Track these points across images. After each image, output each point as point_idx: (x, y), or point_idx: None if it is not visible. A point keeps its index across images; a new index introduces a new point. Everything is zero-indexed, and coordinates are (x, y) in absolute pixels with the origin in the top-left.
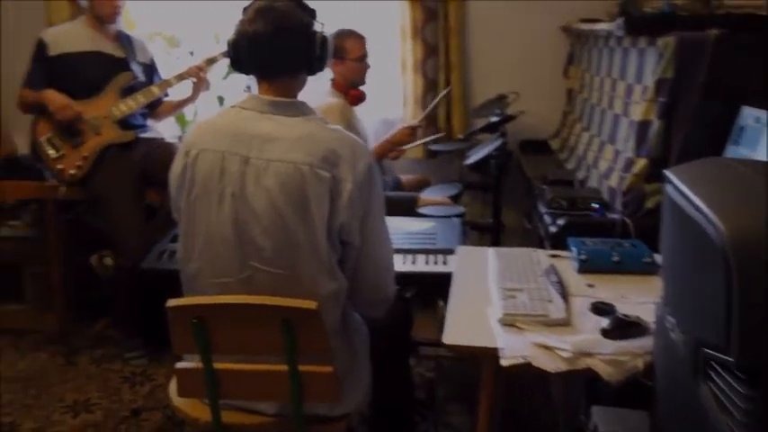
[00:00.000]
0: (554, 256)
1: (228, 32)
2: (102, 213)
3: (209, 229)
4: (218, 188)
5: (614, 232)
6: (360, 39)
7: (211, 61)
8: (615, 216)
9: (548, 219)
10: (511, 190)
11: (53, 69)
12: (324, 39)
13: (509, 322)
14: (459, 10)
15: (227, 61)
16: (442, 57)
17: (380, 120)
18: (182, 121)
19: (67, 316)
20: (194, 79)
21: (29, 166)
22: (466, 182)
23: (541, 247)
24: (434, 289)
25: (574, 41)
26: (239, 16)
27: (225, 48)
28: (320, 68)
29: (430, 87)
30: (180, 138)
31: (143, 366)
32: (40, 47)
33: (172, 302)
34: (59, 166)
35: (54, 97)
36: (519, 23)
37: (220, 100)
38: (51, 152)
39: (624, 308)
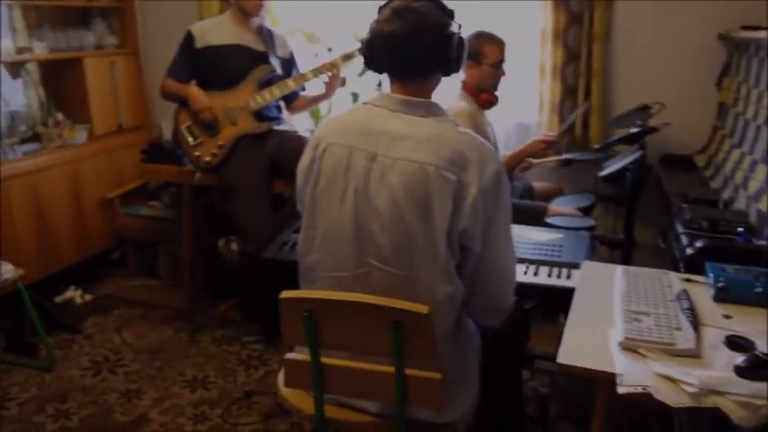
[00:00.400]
0: (688, 280)
1: (363, 31)
2: (232, 200)
3: (330, 222)
4: (343, 182)
5: (760, 261)
6: (499, 44)
7: (347, 58)
8: (763, 243)
9: (685, 239)
10: (646, 205)
11: (198, 60)
12: (461, 41)
13: (631, 347)
14: (605, 14)
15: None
16: (583, 62)
17: (515, 124)
18: (315, 116)
19: (194, 295)
20: (329, 75)
21: (170, 152)
22: (599, 194)
23: (675, 269)
24: (556, 303)
25: (732, 50)
26: (375, 15)
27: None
28: (455, 71)
29: (569, 94)
30: (312, 131)
31: (259, 351)
32: (188, 39)
33: (284, 294)
34: (196, 153)
35: (196, 96)
36: (670, 30)
37: (354, 96)
38: (190, 139)
39: (764, 345)
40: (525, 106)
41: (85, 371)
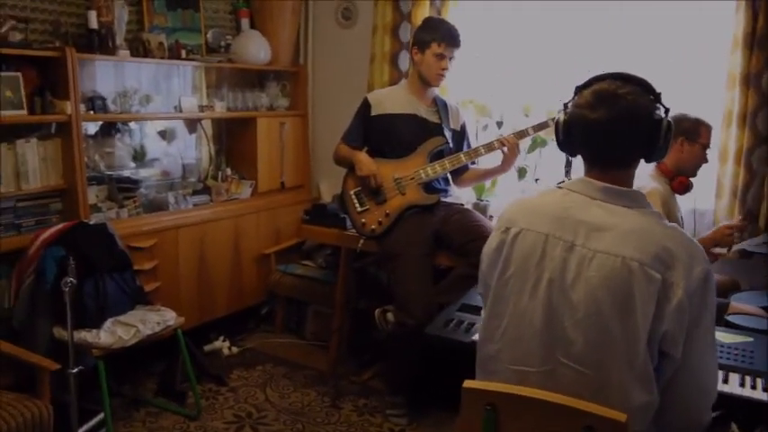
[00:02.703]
0: None
1: (558, 112)
2: (392, 269)
3: (517, 311)
4: (536, 271)
5: None
6: (710, 128)
7: (522, 135)
8: None
9: None
10: None
11: (371, 128)
12: (669, 127)
13: None
14: None
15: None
16: None
17: (687, 210)
18: (480, 189)
19: (339, 359)
20: (508, 149)
21: (333, 215)
22: None
23: None
24: (751, 419)
25: None
26: (574, 97)
27: (536, 121)
28: (660, 158)
29: (753, 179)
30: (476, 205)
31: (402, 426)
32: (364, 106)
33: (468, 384)
34: (363, 220)
35: (363, 161)
36: None
37: (522, 172)
38: (357, 205)
39: None
40: (701, 191)
41: (229, 424)
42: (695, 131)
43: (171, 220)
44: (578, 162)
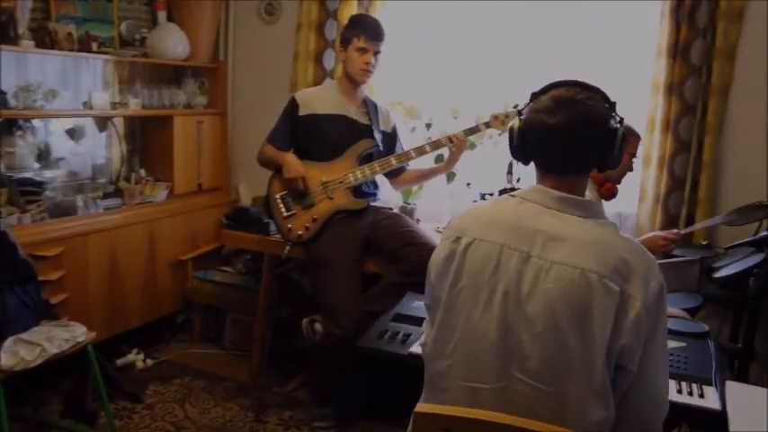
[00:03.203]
0: None
1: (513, 119)
2: (319, 277)
3: (471, 326)
4: (490, 283)
5: None
6: (638, 137)
7: (472, 132)
8: None
9: None
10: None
11: (299, 128)
12: (623, 136)
13: None
14: (720, 105)
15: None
16: (693, 152)
17: (611, 214)
18: (407, 192)
19: (261, 369)
20: (454, 148)
21: (255, 219)
22: (705, 294)
23: None
24: (694, 426)
25: None
26: (530, 103)
27: (475, 123)
28: (612, 167)
29: (675, 186)
30: (403, 209)
31: None
32: (291, 105)
33: (421, 407)
34: (289, 225)
35: (291, 163)
36: None
37: (450, 176)
38: (282, 210)
39: None
40: (625, 196)
41: None
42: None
43: (79, 225)
44: (526, 170)
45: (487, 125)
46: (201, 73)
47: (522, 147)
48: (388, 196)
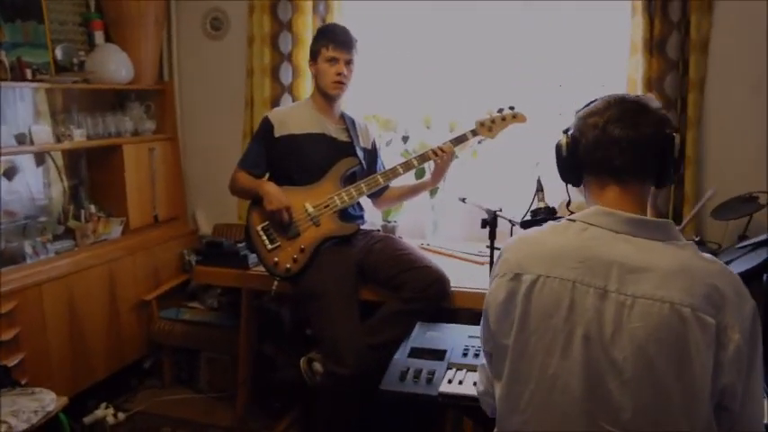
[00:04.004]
0: None
1: (501, 125)
2: (314, 312)
3: (547, 375)
4: (565, 327)
5: None
6: None
7: (458, 141)
8: None
9: None
10: None
11: (276, 150)
12: (681, 147)
13: None
14: (698, 98)
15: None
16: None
17: None
18: (386, 210)
19: (246, 411)
20: (440, 161)
21: (231, 252)
22: None
23: None
24: None
25: None
26: (583, 119)
27: (465, 130)
28: (669, 180)
29: None
30: (384, 227)
31: None
32: (265, 127)
33: None
34: (275, 259)
35: (272, 194)
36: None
37: (433, 190)
38: (266, 243)
39: None
40: None
41: None
42: None
43: (31, 275)
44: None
45: (474, 133)
46: (147, 96)
47: (575, 165)
48: (368, 216)
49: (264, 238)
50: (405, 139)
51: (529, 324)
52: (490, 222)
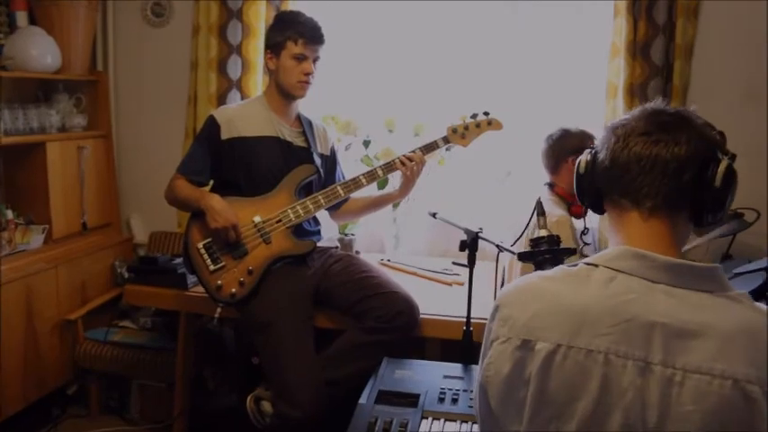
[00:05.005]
0: None
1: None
2: (263, 343)
3: None
4: (598, 411)
5: None
6: None
7: (429, 149)
8: None
9: None
10: None
11: (222, 155)
12: (731, 174)
13: None
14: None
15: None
16: None
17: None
18: (342, 225)
19: None
20: (411, 170)
21: (168, 269)
22: None
23: None
24: None
25: None
26: (616, 137)
27: (436, 137)
28: (709, 219)
29: None
30: (340, 240)
31: None
32: (211, 127)
33: None
34: (219, 282)
35: (218, 209)
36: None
37: (396, 203)
38: (209, 263)
39: None
40: None
41: None
42: (585, 149)
43: None
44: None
45: (445, 140)
46: (77, 87)
47: (593, 183)
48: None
49: (206, 257)
50: (366, 143)
51: (547, 409)
52: (470, 245)
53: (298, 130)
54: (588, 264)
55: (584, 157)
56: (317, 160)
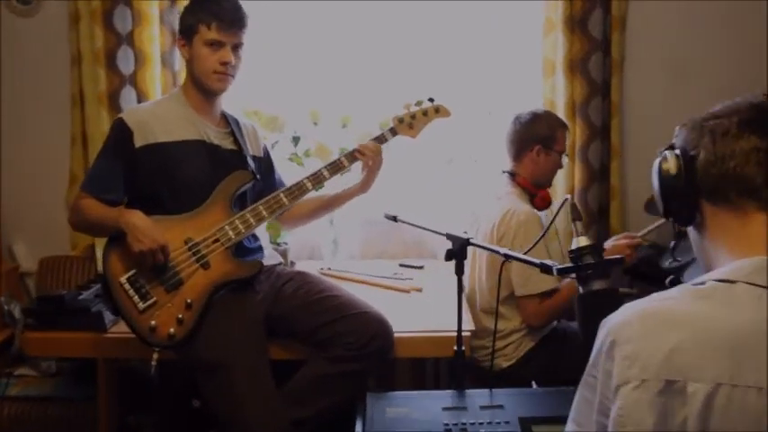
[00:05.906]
0: None
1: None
2: (213, 387)
3: None
4: None
5: None
6: (566, 130)
7: (381, 140)
8: None
9: None
10: None
11: (138, 166)
12: None
13: None
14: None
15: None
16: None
17: None
18: (275, 231)
19: None
20: (370, 163)
21: (78, 309)
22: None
23: None
24: None
25: None
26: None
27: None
28: None
29: (593, 177)
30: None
31: None
32: (121, 133)
33: None
34: (151, 323)
35: (141, 228)
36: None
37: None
38: (137, 300)
39: None
40: None
41: None
42: (551, 138)
43: None
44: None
45: (394, 132)
46: None
47: (693, 189)
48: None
49: (132, 293)
50: (295, 140)
51: None
52: (457, 254)
53: (224, 130)
54: (722, 280)
55: (673, 159)
56: (251, 164)
